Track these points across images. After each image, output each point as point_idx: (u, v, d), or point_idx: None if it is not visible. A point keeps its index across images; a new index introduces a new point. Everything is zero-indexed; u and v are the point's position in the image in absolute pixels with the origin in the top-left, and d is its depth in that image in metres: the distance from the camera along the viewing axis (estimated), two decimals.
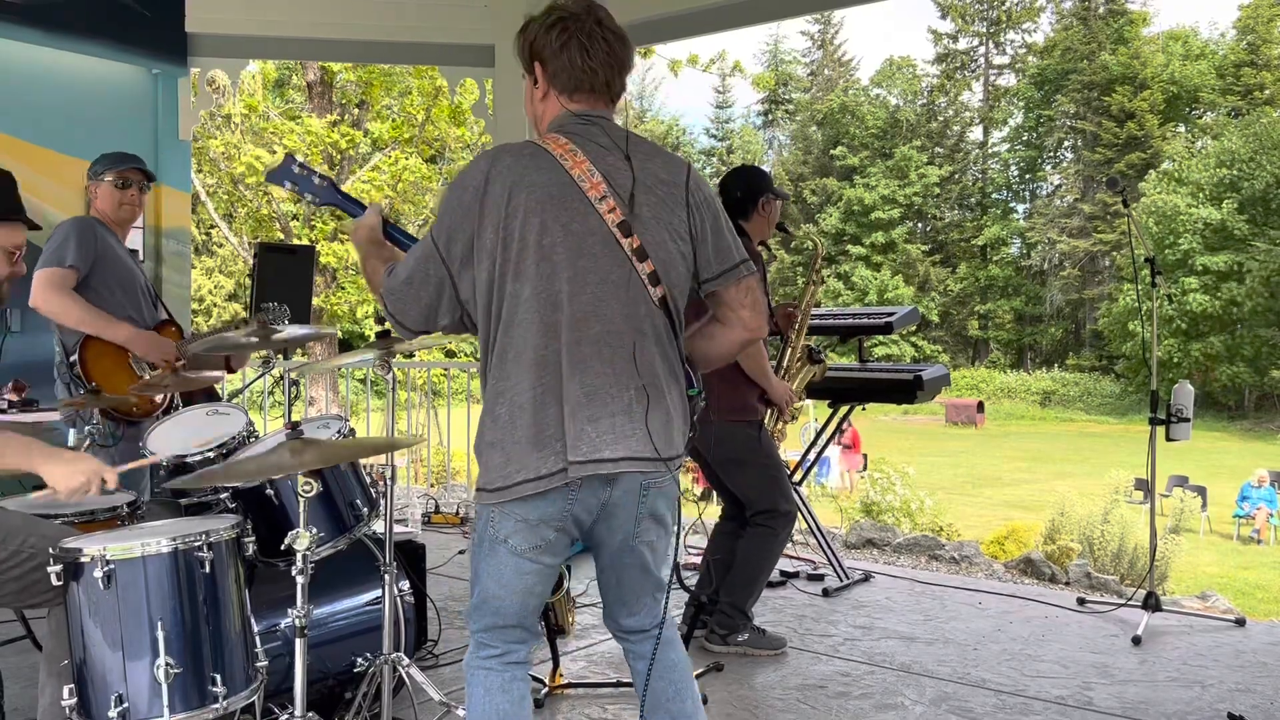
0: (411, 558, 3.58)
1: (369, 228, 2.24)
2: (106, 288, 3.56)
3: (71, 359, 3.48)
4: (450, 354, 28.80)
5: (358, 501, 2.83)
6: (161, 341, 3.60)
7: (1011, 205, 46.72)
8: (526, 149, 2.05)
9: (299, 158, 2.37)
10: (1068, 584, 6.38)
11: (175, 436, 2.90)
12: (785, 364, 4.13)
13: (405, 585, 3.12)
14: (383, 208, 2.30)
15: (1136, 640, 4.00)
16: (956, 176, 46.69)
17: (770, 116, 54.34)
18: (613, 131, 2.08)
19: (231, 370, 3.82)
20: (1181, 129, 41.81)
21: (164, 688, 2.03)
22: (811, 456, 5.47)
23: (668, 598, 2.18)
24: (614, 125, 2.12)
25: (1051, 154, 46.11)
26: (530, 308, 1.95)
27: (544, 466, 1.92)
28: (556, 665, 3.36)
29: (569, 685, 3.39)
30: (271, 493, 2.69)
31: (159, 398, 3.52)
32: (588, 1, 2.11)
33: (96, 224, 3.64)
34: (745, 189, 3.91)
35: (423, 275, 2.04)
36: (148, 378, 3.46)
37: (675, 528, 2.16)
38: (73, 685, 2.08)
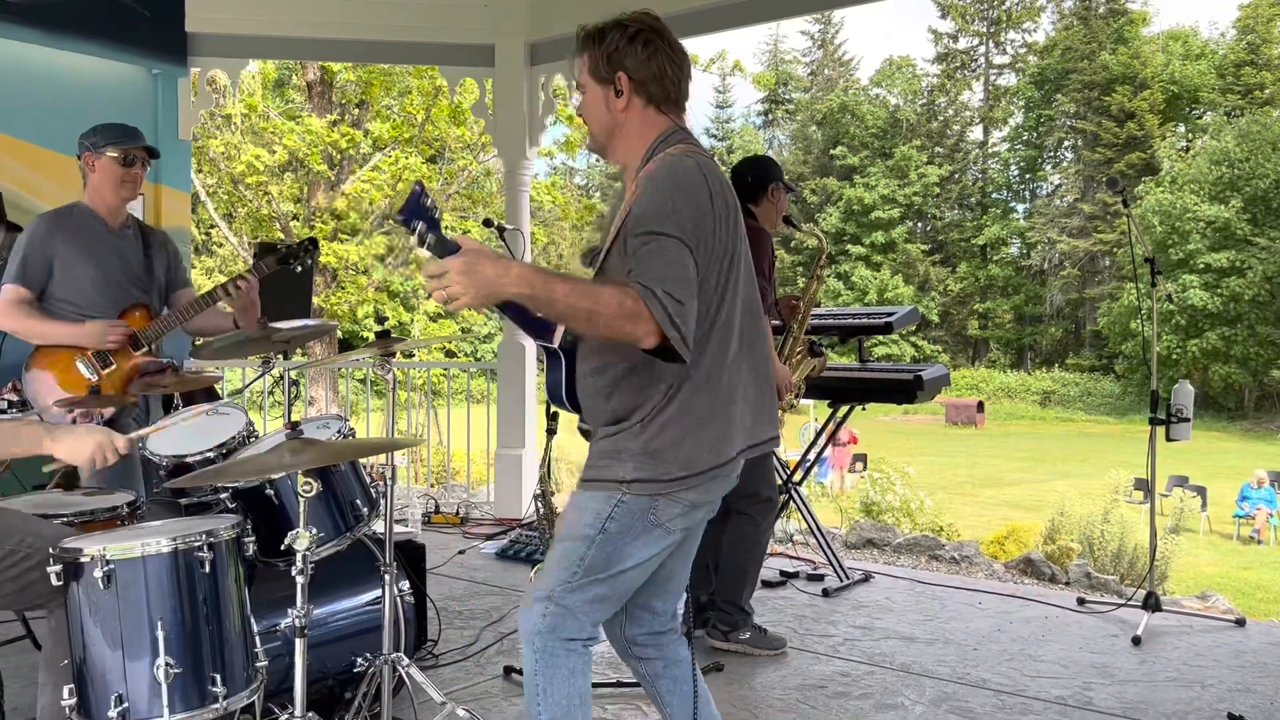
0: (411, 558, 3.59)
1: (526, 270, 1.84)
2: (61, 298, 3.47)
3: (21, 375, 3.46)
4: (450, 354, 28.82)
5: (358, 501, 2.83)
6: (106, 326, 3.44)
7: (1011, 205, 46.73)
8: (707, 158, 2.13)
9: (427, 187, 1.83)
10: (1068, 584, 6.39)
11: (175, 436, 2.90)
12: (786, 354, 4.16)
13: (405, 585, 3.12)
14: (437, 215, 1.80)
15: (1136, 640, 4.00)
16: (956, 176, 46.69)
17: (770, 116, 54.36)
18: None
19: (238, 328, 3.60)
20: (1181, 129, 41.83)
21: (164, 688, 2.03)
22: (811, 456, 5.47)
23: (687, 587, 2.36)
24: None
25: (1051, 154, 46.12)
26: (741, 305, 2.13)
27: (734, 448, 2.10)
28: None
29: None
30: (271, 493, 2.69)
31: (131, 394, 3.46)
32: (654, 14, 2.18)
33: (61, 223, 3.49)
34: (756, 175, 4.01)
35: (694, 289, 1.96)
36: (101, 375, 3.41)
37: None
38: (72, 685, 2.08)
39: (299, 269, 3.67)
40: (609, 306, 1.86)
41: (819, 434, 5.58)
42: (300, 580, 2.27)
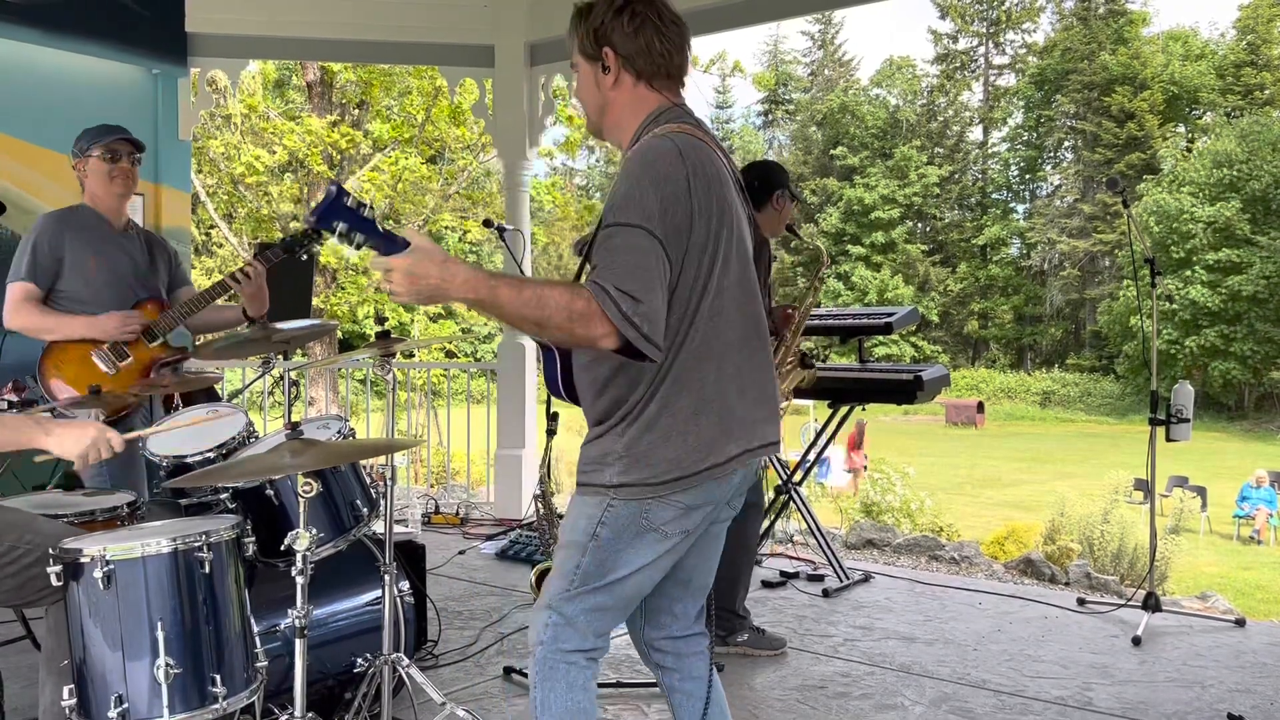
0: (411, 558, 3.59)
1: (471, 273, 1.78)
2: (71, 294, 3.48)
3: (36, 374, 3.46)
4: (450, 354, 28.81)
5: (358, 502, 2.83)
6: (122, 317, 3.45)
7: (1011, 205, 46.74)
8: (697, 137, 1.98)
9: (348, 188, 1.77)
10: (1068, 584, 6.39)
11: (175, 436, 2.90)
12: (778, 362, 4.13)
13: (405, 586, 3.12)
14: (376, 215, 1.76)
15: (1136, 641, 4.00)
16: (956, 176, 46.69)
17: (770, 116, 54.36)
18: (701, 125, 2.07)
19: (247, 318, 3.62)
20: (1181, 129, 41.84)
21: (164, 688, 2.03)
22: (811, 457, 5.47)
23: (709, 606, 2.24)
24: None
25: (1051, 154, 46.13)
26: (730, 296, 1.99)
27: (729, 450, 1.98)
28: None
29: None
30: (271, 493, 2.69)
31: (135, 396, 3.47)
32: None
33: (68, 220, 3.52)
34: (762, 180, 3.90)
35: (660, 281, 1.84)
36: (119, 368, 3.42)
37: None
38: (73, 685, 2.08)
39: (304, 256, 3.69)
40: (558, 312, 1.76)
41: (819, 434, 5.58)
42: (300, 580, 2.27)
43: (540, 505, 3.94)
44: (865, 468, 17.36)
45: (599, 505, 1.98)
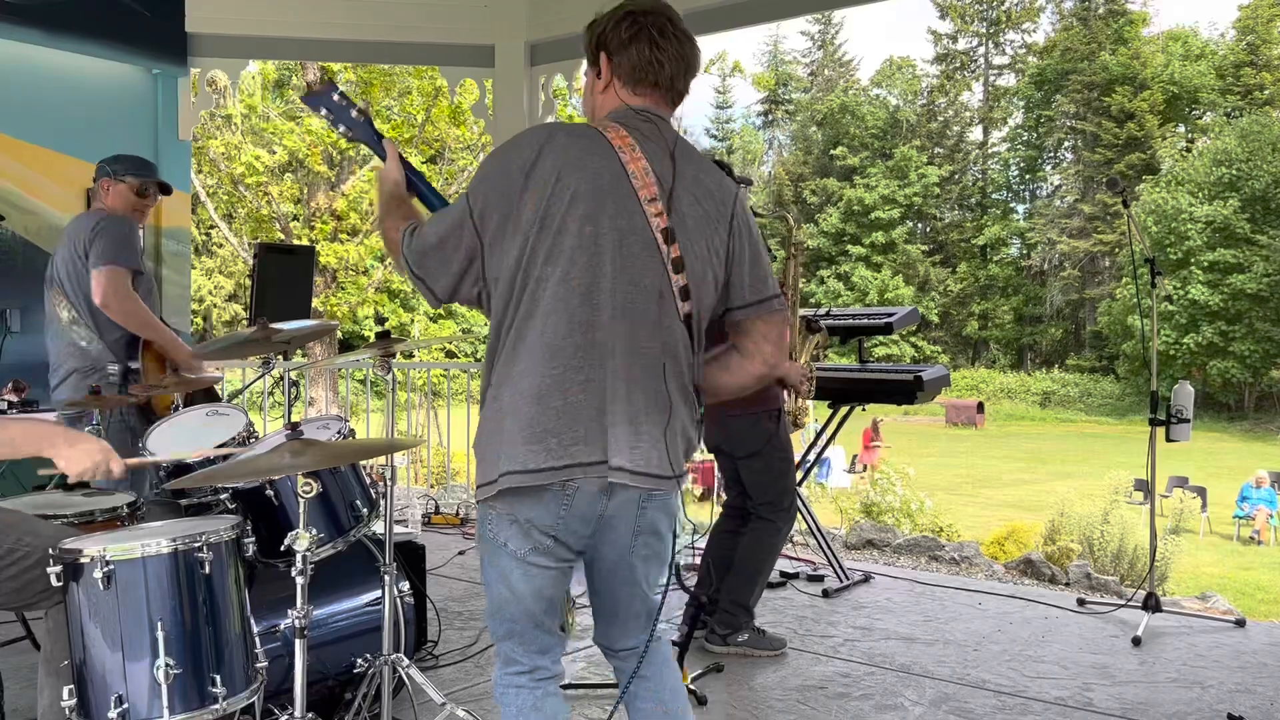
0: (411, 558, 3.59)
1: (393, 181, 2.16)
2: (145, 291, 3.62)
3: (133, 365, 3.54)
4: (450, 354, 28.81)
5: (357, 502, 2.83)
6: (189, 351, 3.66)
7: (1011, 205, 46.75)
8: (585, 132, 1.96)
9: (341, 87, 2.34)
10: (1068, 585, 6.38)
11: (175, 437, 2.90)
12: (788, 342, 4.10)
13: (405, 586, 3.12)
14: (399, 150, 2.22)
15: (1136, 641, 4.00)
16: (956, 176, 46.71)
17: (770, 116, 54.36)
18: (668, 134, 2.01)
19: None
20: (1181, 129, 41.84)
21: (164, 688, 2.03)
22: (811, 457, 5.46)
23: (656, 618, 2.09)
24: (670, 129, 2.03)
25: (1051, 154, 46.14)
26: (557, 295, 1.86)
27: (533, 461, 1.82)
28: None
29: (569, 686, 3.38)
30: (271, 493, 2.69)
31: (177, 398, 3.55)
32: (661, 1, 2.06)
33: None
34: None
35: (455, 241, 1.93)
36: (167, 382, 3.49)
37: (672, 546, 2.05)
38: (72, 686, 2.08)
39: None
40: (394, 234, 2.05)
41: (819, 434, 5.58)
42: (300, 581, 2.26)
43: None
44: (869, 466, 17.40)
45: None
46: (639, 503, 1.92)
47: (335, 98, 2.27)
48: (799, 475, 5.14)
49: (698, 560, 4.40)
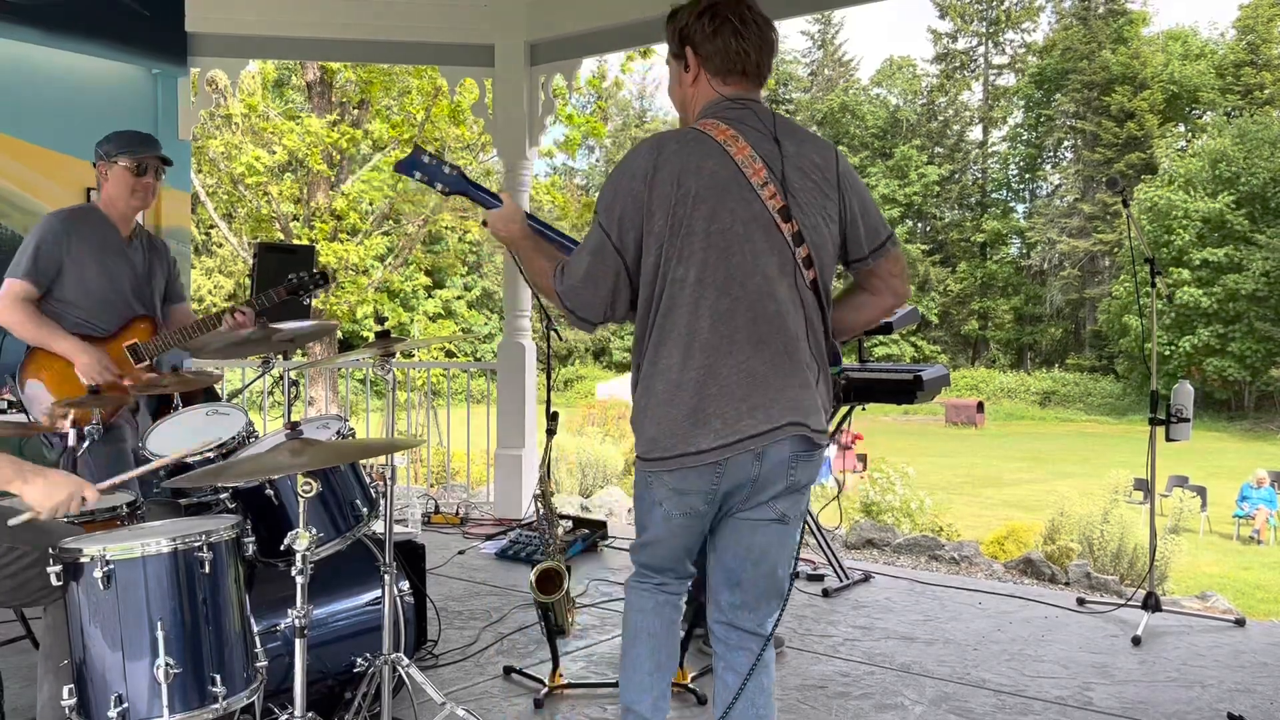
0: (411, 558, 3.59)
1: (520, 223, 2.27)
2: (67, 299, 3.44)
3: (15, 372, 3.42)
4: (450, 354, 28.82)
5: (357, 502, 2.83)
6: (101, 365, 3.39)
7: (1011, 205, 46.75)
8: (690, 135, 2.10)
9: (428, 149, 2.40)
10: (1067, 584, 6.39)
11: (175, 437, 2.90)
12: None
13: (405, 585, 3.12)
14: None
15: (1136, 640, 4.00)
16: (956, 176, 46.71)
17: None
18: (764, 116, 2.15)
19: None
20: (1181, 129, 41.83)
21: (163, 688, 2.03)
22: None
23: (782, 608, 2.26)
24: (764, 109, 2.17)
25: (1051, 154, 46.14)
26: (695, 292, 2.04)
27: (702, 442, 2.03)
28: (556, 665, 3.36)
29: (569, 685, 3.39)
30: (271, 493, 2.69)
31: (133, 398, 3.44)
32: None
33: (76, 224, 3.46)
34: None
35: (600, 269, 2.10)
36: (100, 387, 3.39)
37: (803, 516, 2.25)
38: (72, 685, 2.08)
39: (307, 300, 3.69)
40: (544, 279, 2.20)
41: None
42: (300, 580, 2.27)
43: (540, 505, 3.94)
44: (846, 474, 17.23)
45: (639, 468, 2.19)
46: (789, 462, 2.10)
47: (425, 160, 2.34)
48: None
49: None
